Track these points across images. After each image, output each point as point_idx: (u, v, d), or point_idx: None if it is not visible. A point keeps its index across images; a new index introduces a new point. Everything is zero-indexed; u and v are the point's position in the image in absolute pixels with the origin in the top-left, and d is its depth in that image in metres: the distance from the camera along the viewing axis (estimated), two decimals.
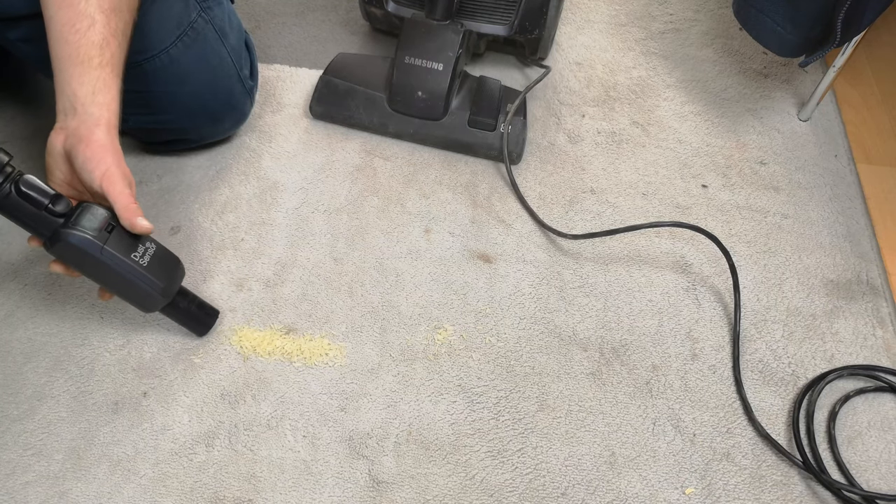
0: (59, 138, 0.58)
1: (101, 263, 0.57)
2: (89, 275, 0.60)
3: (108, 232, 0.57)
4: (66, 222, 0.56)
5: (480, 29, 0.88)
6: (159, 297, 0.61)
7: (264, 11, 1.04)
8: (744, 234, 0.82)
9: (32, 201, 0.55)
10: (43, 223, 0.56)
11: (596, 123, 0.92)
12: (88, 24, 0.58)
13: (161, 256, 0.61)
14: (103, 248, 0.56)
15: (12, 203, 0.55)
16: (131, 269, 0.58)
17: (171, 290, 0.63)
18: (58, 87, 0.58)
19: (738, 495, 0.63)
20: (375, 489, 0.62)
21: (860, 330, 0.74)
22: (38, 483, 0.61)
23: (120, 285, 0.60)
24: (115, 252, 0.57)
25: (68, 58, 0.58)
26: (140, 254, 0.59)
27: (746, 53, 1.02)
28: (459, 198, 0.83)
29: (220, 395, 0.66)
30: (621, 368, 0.70)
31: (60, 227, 0.56)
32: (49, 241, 0.57)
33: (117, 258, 0.57)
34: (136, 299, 0.62)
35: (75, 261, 0.58)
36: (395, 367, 0.69)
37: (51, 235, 0.56)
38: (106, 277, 0.59)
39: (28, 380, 0.66)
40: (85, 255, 0.56)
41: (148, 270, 0.59)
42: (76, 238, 0.56)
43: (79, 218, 0.56)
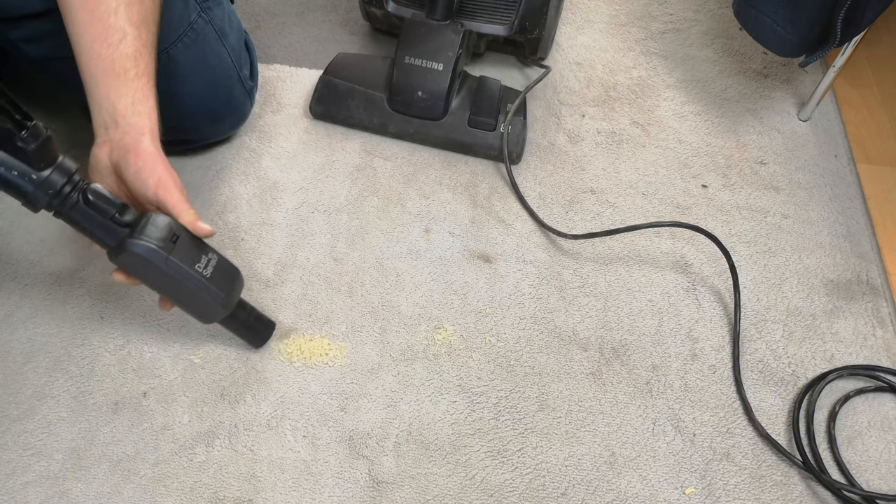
0: (103, 151, 0.58)
1: (165, 274, 0.56)
2: (152, 285, 0.59)
3: (172, 242, 0.56)
4: (131, 232, 0.55)
5: (480, 29, 0.88)
6: (221, 308, 0.61)
7: (264, 11, 1.04)
8: (744, 234, 0.82)
9: (100, 210, 0.54)
10: (109, 232, 0.55)
11: (596, 123, 0.92)
12: (120, 38, 0.58)
13: (223, 267, 0.61)
14: (168, 258, 0.56)
15: (80, 212, 0.54)
16: (195, 280, 0.58)
17: (232, 302, 0.62)
18: (94, 102, 0.58)
19: (738, 495, 0.63)
20: (375, 489, 0.62)
21: (860, 330, 0.74)
22: (38, 483, 0.61)
23: (183, 296, 0.60)
24: (179, 262, 0.56)
25: (104, 73, 0.58)
26: (203, 264, 0.59)
27: (746, 53, 1.03)
28: (459, 198, 0.83)
29: (220, 395, 0.66)
30: (621, 368, 0.70)
31: (126, 237, 0.55)
32: (114, 250, 0.56)
33: (182, 269, 0.57)
34: (197, 310, 0.61)
35: (140, 271, 0.57)
36: (395, 367, 0.69)
37: (116, 245, 0.55)
38: (169, 288, 0.59)
39: (28, 380, 0.66)
40: (150, 265, 0.56)
41: (211, 281, 0.59)
42: (142, 248, 0.55)
43: (144, 228, 0.55)
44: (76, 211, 0.54)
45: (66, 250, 0.75)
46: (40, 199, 0.52)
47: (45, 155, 0.51)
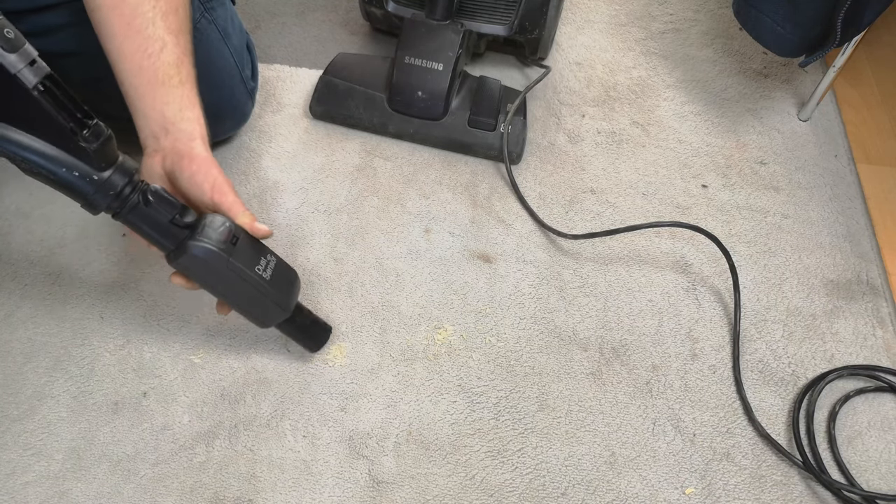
0: (156, 160, 0.58)
1: (225, 277, 0.56)
2: (211, 288, 0.58)
3: (232, 244, 0.55)
4: (191, 234, 0.54)
5: (480, 29, 0.88)
6: (280, 311, 0.60)
7: (264, 11, 1.04)
8: (744, 234, 0.82)
9: (160, 212, 0.53)
10: (169, 235, 0.54)
11: (596, 123, 0.92)
12: (160, 47, 0.58)
13: (281, 270, 0.60)
14: (229, 260, 0.54)
15: (140, 214, 0.52)
16: (255, 283, 0.57)
17: (291, 305, 0.61)
18: (140, 114, 0.58)
19: (738, 495, 0.63)
20: (375, 489, 0.62)
21: (860, 330, 0.74)
22: (38, 483, 0.61)
23: (242, 299, 0.59)
24: (240, 265, 0.55)
25: (148, 83, 0.58)
26: (263, 267, 0.58)
27: (746, 53, 1.02)
28: (459, 198, 0.83)
29: (220, 395, 0.66)
30: (621, 368, 0.70)
31: (186, 240, 0.54)
32: (173, 253, 0.55)
33: (242, 271, 0.56)
34: (256, 314, 0.61)
35: (199, 273, 0.56)
36: (395, 367, 0.69)
37: (176, 247, 0.54)
38: (229, 291, 0.58)
39: (28, 380, 0.66)
40: (210, 267, 0.55)
41: (271, 284, 0.58)
42: (202, 250, 0.53)
43: (204, 229, 0.54)
44: (136, 213, 0.52)
45: (67, 250, 0.75)
46: (100, 200, 0.50)
47: (106, 155, 0.50)
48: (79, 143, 0.48)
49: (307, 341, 0.67)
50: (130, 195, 0.51)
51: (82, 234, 0.77)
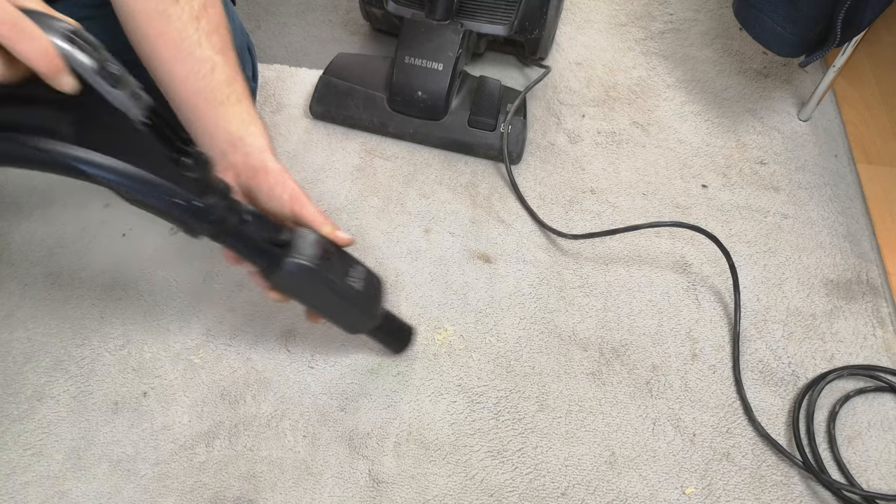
0: (229, 177, 0.58)
1: (321, 291, 0.57)
2: (307, 301, 0.59)
3: (326, 259, 0.56)
4: (286, 251, 0.55)
5: (480, 29, 0.88)
6: (370, 319, 0.62)
7: (264, 11, 1.04)
8: (744, 234, 0.82)
9: (257, 232, 0.54)
10: (264, 253, 0.55)
11: (596, 123, 0.92)
12: (210, 68, 0.58)
13: (370, 279, 0.61)
14: (324, 275, 0.56)
15: (238, 235, 0.53)
16: (348, 295, 0.58)
17: (381, 312, 0.63)
18: (204, 131, 0.58)
19: (738, 495, 0.63)
20: (375, 489, 0.62)
21: (860, 330, 0.74)
22: (38, 483, 0.61)
23: (335, 310, 0.60)
24: (334, 278, 0.57)
25: (206, 103, 0.58)
26: (354, 278, 0.59)
27: (746, 53, 1.02)
28: (459, 198, 0.83)
29: (220, 395, 0.66)
30: (621, 368, 0.70)
31: (283, 257, 0.54)
32: (268, 269, 0.55)
33: (337, 284, 0.57)
34: (347, 322, 0.62)
35: (295, 288, 0.57)
36: (395, 367, 0.69)
37: (271, 264, 0.55)
38: (323, 303, 0.59)
39: (28, 380, 0.66)
40: (306, 283, 0.56)
41: (362, 295, 0.59)
42: (298, 267, 0.54)
43: (298, 246, 0.55)
44: (234, 234, 0.53)
45: (67, 250, 0.75)
46: (200, 226, 0.51)
47: (205, 180, 0.50)
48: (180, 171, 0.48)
49: (393, 344, 0.68)
50: (228, 217, 0.52)
51: (82, 234, 0.77)
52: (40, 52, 0.39)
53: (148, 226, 0.78)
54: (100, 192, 0.80)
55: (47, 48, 0.39)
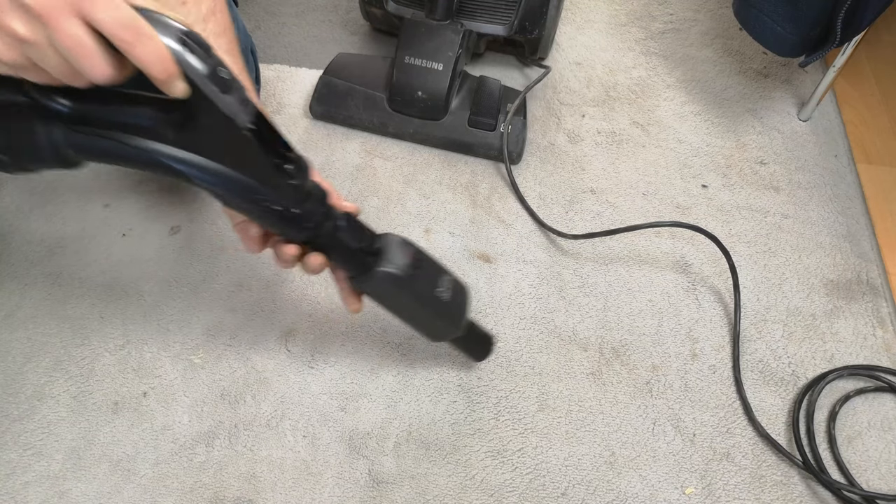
0: None
1: (409, 300, 0.57)
2: (393, 309, 0.59)
3: (417, 268, 0.56)
4: (376, 259, 0.55)
5: (480, 29, 0.88)
6: (455, 330, 0.61)
7: (264, 11, 1.04)
8: (744, 234, 0.82)
9: (351, 238, 0.54)
10: (356, 260, 0.55)
11: (596, 123, 0.92)
12: None
13: (457, 289, 0.60)
14: (414, 285, 0.56)
15: (332, 241, 0.53)
16: (435, 305, 0.58)
17: (466, 322, 0.62)
18: None
19: (738, 495, 0.63)
20: (375, 489, 0.62)
21: (860, 330, 0.74)
22: (38, 483, 0.61)
23: (421, 319, 0.60)
24: (424, 289, 0.57)
25: None
26: (443, 288, 0.58)
27: (746, 53, 1.02)
28: (459, 198, 0.83)
29: (220, 395, 0.66)
30: (621, 368, 0.70)
31: (374, 266, 0.54)
32: (359, 277, 0.55)
33: (424, 295, 0.57)
34: (431, 332, 0.62)
35: (383, 296, 0.57)
36: (394, 367, 0.69)
37: (361, 272, 0.55)
38: (410, 312, 0.59)
39: (28, 380, 0.66)
40: (395, 291, 0.56)
41: (450, 306, 0.59)
42: (388, 277, 0.54)
43: (390, 255, 0.55)
44: (329, 240, 0.53)
45: (67, 250, 0.75)
46: (298, 232, 0.51)
47: (304, 186, 0.50)
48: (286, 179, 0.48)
49: (474, 353, 0.68)
50: (324, 224, 0.52)
51: (82, 234, 0.77)
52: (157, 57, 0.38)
53: (148, 226, 0.78)
54: (100, 192, 0.80)
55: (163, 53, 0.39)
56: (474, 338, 0.66)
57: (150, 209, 0.79)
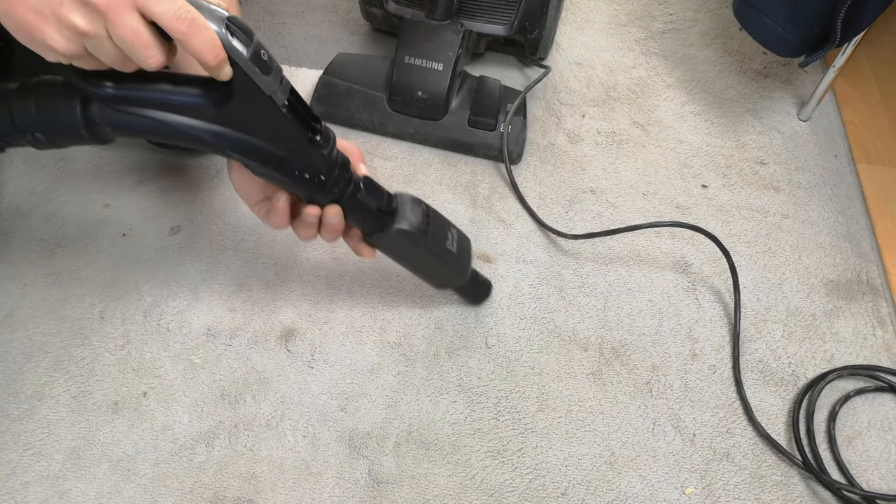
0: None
1: (421, 253, 0.62)
2: (405, 262, 0.64)
3: (427, 224, 0.61)
4: (392, 217, 0.60)
5: (480, 29, 0.88)
6: (461, 278, 0.67)
7: (264, 11, 1.04)
8: (744, 234, 0.82)
9: (370, 200, 0.58)
10: (374, 219, 0.59)
11: (596, 123, 0.92)
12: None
13: (462, 240, 0.66)
14: (428, 240, 0.61)
15: (353, 203, 0.57)
16: (447, 258, 0.63)
17: (470, 270, 0.68)
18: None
19: (738, 495, 0.63)
20: (375, 489, 0.62)
21: (860, 330, 0.74)
22: (38, 483, 0.61)
23: (431, 270, 0.65)
24: (434, 242, 0.62)
25: None
26: (451, 241, 0.64)
27: (746, 53, 1.02)
28: (459, 198, 0.83)
29: (220, 395, 0.66)
30: (621, 368, 0.70)
31: (391, 224, 0.59)
32: (375, 233, 0.60)
33: (436, 248, 0.62)
34: (439, 280, 0.68)
35: (398, 251, 0.62)
36: (395, 367, 0.69)
37: (378, 229, 0.59)
38: (421, 264, 0.64)
39: (28, 380, 0.66)
40: (409, 246, 0.61)
41: (458, 257, 0.65)
42: (404, 234, 0.59)
43: (404, 213, 0.60)
44: (349, 202, 0.56)
45: (67, 250, 0.75)
46: (324, 198, 0.55)
47: (331, 157, 0.54)
48: (317, 151, 0.52)
49: (474, 297, 0.73)
50: (347, 189, 0.56)
51: (82, 234, 0.77)
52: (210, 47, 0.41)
53: (148, 226, 0.78)
54: (100, 192, 0.80)
55: (216, 42, 0.41)
56: (476, 284, 0.71)
57: (150, 209, 0.79)
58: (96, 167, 0.83)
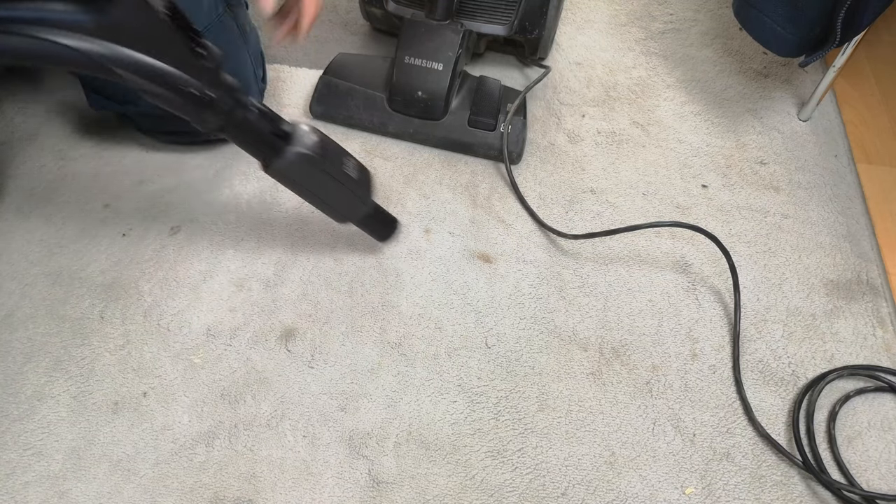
0: None
1: (320, 178, 0.61)
2: (305, 189, 0.63)
3: (324, 148, 0.61)
4: (286, 142, 0.59)
5: (480, 29, 0.88)
6: (363, 206, 0.67)
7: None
8: (744, 234, 0.82)
9: (262, 124, 0.58)
10: (268, 144, 0.59)
11: (596, 123, 0.92)
12: None
13: (361, 169, 0.66)
14: (325, 163, 0.61)
15: (244, 127, 0.57)
16: (345, 182, 0.63)
17: (371, 199, 0.68)
18: None
19: (738, 495, 0.63)
20: (375, 489, 0.62)
21: (860, 330, 0.74)
22: (38, 483, 0.61)
23: (332, 198, 0.65)
24: (332, 166, 0.62)
25: None
26: (349, 167, 0.64)
27: (746, 53, 1.02)
28: (459, 198, 0.83)
29: (220, 395, 0.66)
30: (621, 368, 0.70)
31: (285, 147, 0.59)
32: (273, 161, 0.59)
33: (334, 172, 0.62)
34: (342, 210, 0.67)
35: (295, 177, 0.62)
36: (395, 367, 0.69)
37: (273, 154, 0.59)
38: (321, 192, 0.64)
39: (28, 380, 0.66)
40: (306, 171, 0.60)
41: (358, 183, 0.65)
42: (300, 156, 0.59)
43: (299, 137, 0.60)
44: (241, 127, 0.57)
45: (67, 250, 0.75)
46: (212, 118, 0.55)
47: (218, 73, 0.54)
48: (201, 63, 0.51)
49: (380, 232, 0.73)
50: (236, 110, 0.55)
51: (82, 234, 0.77)
52: None
53: (148, 226, 0.78)
54: (100, 192, 0.80)
55: None
56: (380, 218, 0.71)
57: (150, 209, 0.79)
58: (96, 167, 0.83)
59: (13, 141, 0.85)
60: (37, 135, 0.86)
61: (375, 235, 0.73)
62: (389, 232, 0.74)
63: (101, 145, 0.85)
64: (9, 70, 0.92)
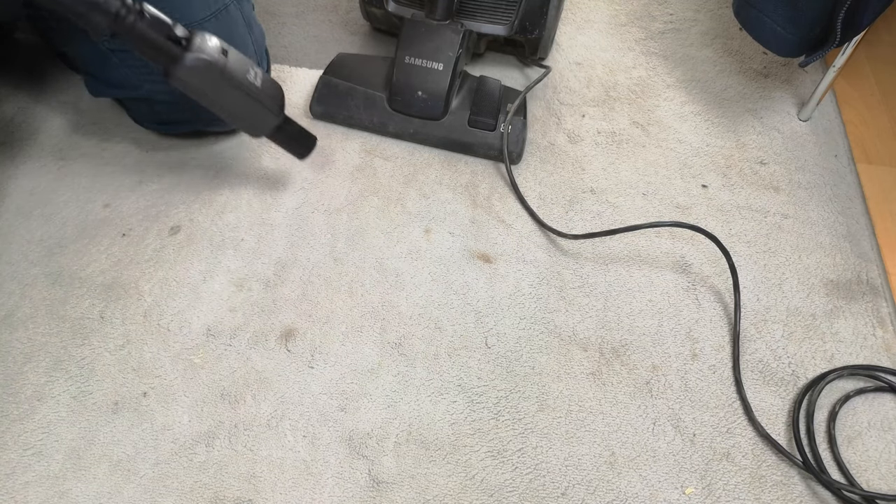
0: None
1: (221, 85, 0.60)
2: (210, 99, 0.62)
3: (224, 55, 0.60)
4: (185, 49, 0.59)
5: (480, 29, 0.88)
6: (273, 117, 0.66)
7: (264, 11, 1.04)
8: (744, 234, 0.82)
9: (156, 29, 0.57)
10: (164, 50, 0.58)
11: (596, 123, 0.92)
12: None
13: (268, 79, 0.65)
14: (225, 68, 0.60)
15: (138, 32, 0.56)
16: (248, 89, 0.62)
17: (282, 110, 0.66)
18: None
19: (738, 495, 0.63)
20: (375, 489, 0.62)
21: (860, 330, 0.74)
22: (38, 483, 0.61)
23: (237, 106, 0.64)
24: (233, 73, 0.61)
25: None
26: (253, 76, 0.63)
27: (746, 53, 1.02)
28: (459, 198, 0.83)
29: (220, 395, 0.66)
30: (621, 368, 0.70)
31: (184, 53, 0.58)
32: (171, 67, 0.59)
33: (236, 79, 0.61)
34: (251, 121, 0.67)
35: (198, 85, 0.61)
36: (395, 367, 0.69)
37: (172, 61, 0.58)
38: (225, 99, 0.63)
39: (28, 380, 0.66)
40: (207, 77, 0.59)
41: (263, 91, 0.64)
42: (199, 61, 0.58)
43: (198, 44, 0.59)
44: (135, 31, 0.56)
45: (67, 250, 0.75)
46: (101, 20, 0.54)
47: None
48: None
49: (297, 149, 0.72)
50: (126, 15, 0.55)
51: (82, 234, 0.77)
52: None
53: (148, 226, 0.78)
54: (100, 192, 0.80)
55: None
56: (295, 132, 0.70)
57: (150, 209, 0.79)
58: (96, 167, 0.83)
59: (13, 141, 0.85)
60: (37, 135, 0.86)
61: (293, 152, 0.73)
62: (307, 148, 0.72)
63: (101, 145, 0.85)
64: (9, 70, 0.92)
